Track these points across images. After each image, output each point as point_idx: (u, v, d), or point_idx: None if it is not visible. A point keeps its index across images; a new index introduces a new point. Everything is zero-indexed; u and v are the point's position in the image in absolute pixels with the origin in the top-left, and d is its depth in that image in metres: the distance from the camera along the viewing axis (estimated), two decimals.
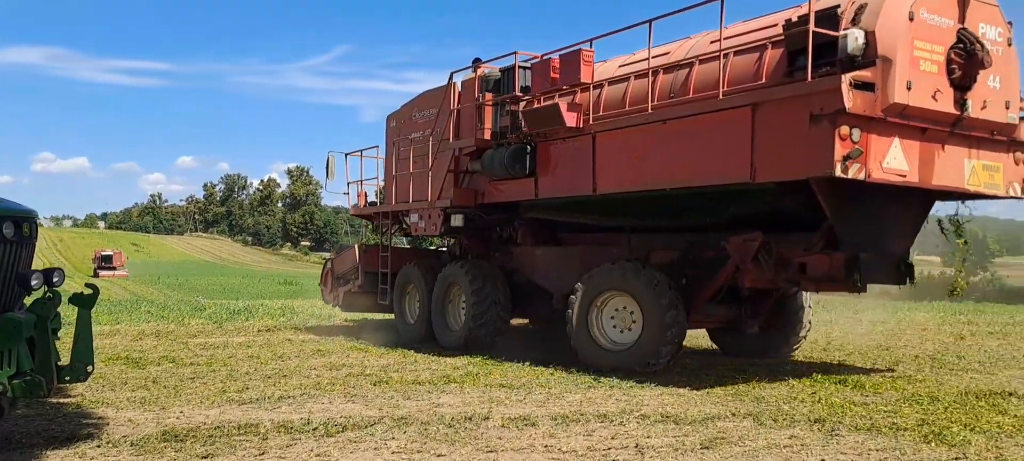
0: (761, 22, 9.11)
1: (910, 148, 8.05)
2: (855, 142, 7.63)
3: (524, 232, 12.63)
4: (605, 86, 10.49)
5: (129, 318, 18.58)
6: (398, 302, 13.96)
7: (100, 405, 7.71)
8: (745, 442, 6.21)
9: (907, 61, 7.78)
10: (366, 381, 9.22)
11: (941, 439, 6.25)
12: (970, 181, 8.55)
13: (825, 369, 10.13)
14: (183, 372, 9.95)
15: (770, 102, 8.21)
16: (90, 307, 6.01)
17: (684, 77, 9.44)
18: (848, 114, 7.56)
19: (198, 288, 50.24)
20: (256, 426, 6.73)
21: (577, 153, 10.50)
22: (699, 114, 8.92)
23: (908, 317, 18.81)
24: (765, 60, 8.56)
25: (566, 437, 6.42)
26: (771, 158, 8.17)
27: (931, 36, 7.93)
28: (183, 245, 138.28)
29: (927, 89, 7.90)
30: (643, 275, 9.74)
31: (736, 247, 9.58)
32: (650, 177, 9.56)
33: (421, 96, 13.73)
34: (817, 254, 8.92)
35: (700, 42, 9.70)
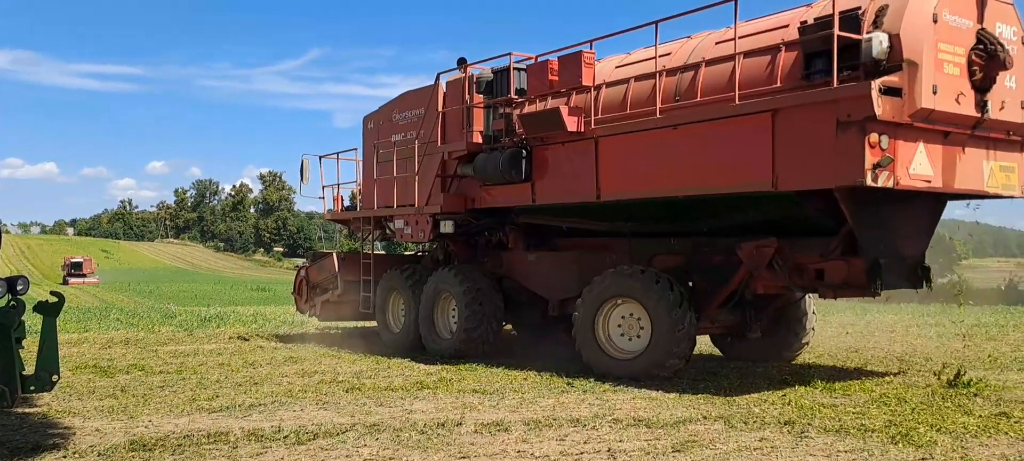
0: (768, 22, 8.84)
1: (933, 153, 7.91)
2: (884, 150, 7.44)
3: (515, 237, 12.26)
4: (603, 88, 10.19)
5: (98, 326, 18.33)
6: (381, 310, 13.59)
7: (66, 415, 7.58)
8: (716, 445, 6.26)
9: (932, 64, 7.59)
10: (338, 388, 9.17)
11: (908, 440, 6.33)
12: (989, 183, 8.45)
13: (795, 371, 10.23)
14: (152, 380, 9.83)
15: (792, 108, 7.94)
16: (55, 315, 5.95)
17: (690, 79, 9.14)
18: (878, 121, 7.35)
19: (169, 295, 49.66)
20: (226, 435, 6.66)
21: (578, 158, 10.19)
22: (714, 119, 8.62)
23: (876, 319, 19.03)
24: (779, 63, 8.30)
25: (539, 442, 6.43)
26: (794, 166, 7.94)
27: (953, 38, 7.77)
28: (154, 251, 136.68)
29: (951, 92, 7.74)
30: (650, 280, 9.44)
31: (749, 253, 9.30)
32: (658, 183, 9.29)
33: (402, 97, 13.33)
34: (835, 260, 8.79)
35: (703, 43, 9.41)
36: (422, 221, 12.46)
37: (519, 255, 12.23)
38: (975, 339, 14.49)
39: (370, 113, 14.18)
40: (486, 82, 11.60)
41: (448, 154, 12.02)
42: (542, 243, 12.24)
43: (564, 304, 11.26)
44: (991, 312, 20.98)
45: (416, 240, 13.12)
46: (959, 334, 15.05)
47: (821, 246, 8.96)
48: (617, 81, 10.12)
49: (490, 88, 11.56)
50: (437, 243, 13.17)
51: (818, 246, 9.00)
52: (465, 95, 11.78)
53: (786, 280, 9.21)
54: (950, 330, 15.89)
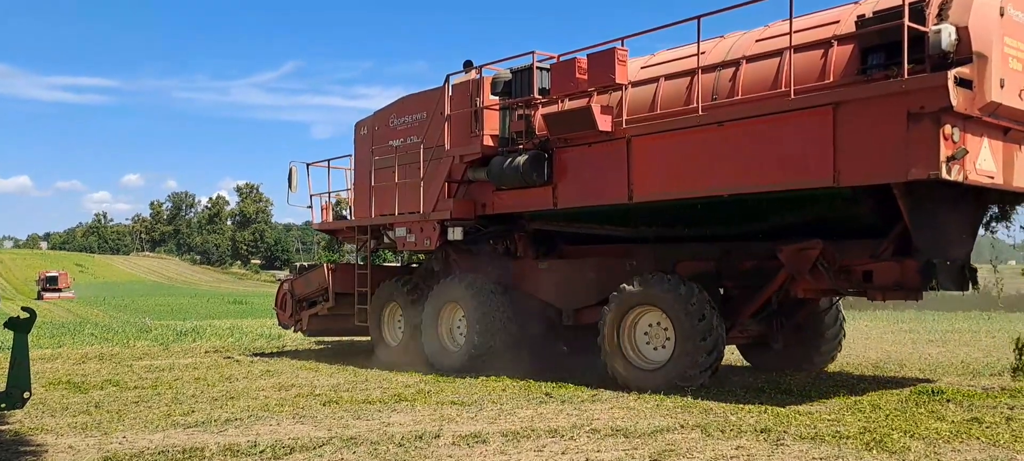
0: (815, 19, 8.71)
1: (996, 149, 7.85)
2: (957, 142, 7.31)
3: (524, 245, 11.88)
4: (629, 88, 9.93)
5: (72, 341, 18.10)
6: (375, 324, 13.19)
7: (39, 432, 7.49)
8: (693, 454, 6.29)
9: (1000, 58, 7.52)
10: (315, 401, 9.12)
11: (882, 446, 6.40)
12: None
13: (771, 379, 10.30)
14: (127, 396, 9.72)
15: (857, 101, 7.75)
16: (27, 331, 5.87)
17: (730, 77, 8.94)
18: (953, 112, 7.23)
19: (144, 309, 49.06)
20: (201, 450, 6.60)
21: (608, 159, 9.85)
22: (768, 114, 8.39)
23: (851, 325, 19.24)
24: (831, 58, 8.13)
25: (517, 453, 6.43)
26: (858, 160, 7.74)
27: (1017, 33, 7.74)
28: (129, 265, 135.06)
29: (1015, 87, 7.69)
30: (673, 288, 9.25)
31: (791, 256, 9.13)
32: (699, 183, 9.03)
33: (401, 101, 12.99)
34: (886, 262, 8.63)
35: (740, 42, 9.25)
36: (428, 228, 11.98)
37: (528, 264, 11.84)
38: (949, 345, 14.69)
39: (363, 119, 13.77)
40: (503, 83, 11.20)
41: (458, 158, 11.61)
42: (550, 251, 11.94)
43: (580, 314, 10.94)
44: (965, 318, 21.27)
45: (420, 248, 12.63)
46: (933, 340, 15.26)
47: (869, 247, 8.80)
48: (644, 81, 9.86)
49: (507, 89, 11.14)
50: (434, 253, 12.74)
51: (865, 247, 8.83)
52: (474, 97, 11.43)
53: (832, 283, 9.01)
54: (924, 336, 16.10)
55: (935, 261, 8.26)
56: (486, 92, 11.32)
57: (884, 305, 22.22)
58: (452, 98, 11.76)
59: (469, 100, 11.46)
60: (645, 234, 10.64)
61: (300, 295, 14.37)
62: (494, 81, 11.29)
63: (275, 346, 16.21)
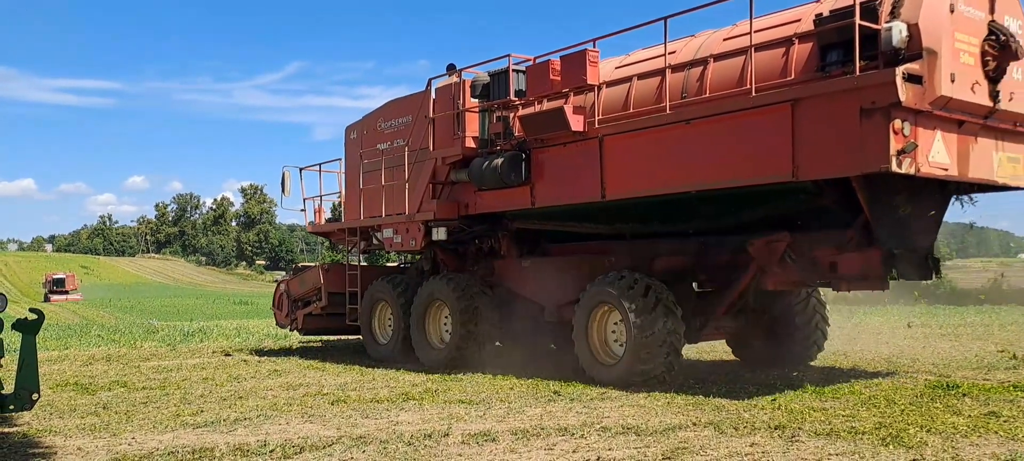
0: (778, 18, 8.94)
1: (949, 141, 8.01)
2: (907, 136, 7.53)
3: (508, 244, 12.08)
4: (603, 88, 10.12)
5: (79, 342, 18.09)
6: (366, 322, 13.44)
7: (48, 433, 7.46)
8: (706, 451, 6.22)
9: (950, 53, 7.72)
10: (324, 401, 9.07)
11: (899, 441, 6.32)
12: (998, 173, 8.59)
13: (784, 375, 10.22)
14: (135, 397, 9.69)
15: (813, 97, 7.98)
16: (35, 333, 5.83)
17: (698, 76, 9.15)
18: (902, 107, 7.44)
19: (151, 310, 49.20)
20: (211, 450, 6.56)
21: (581, 158, 10.09)
22: (730, 112, 8.61)
23: (864, 321, 19.13)
24: (792, 55, 8.35)
25: (527, 452, 6.36)
26: (815, 155, 7.98)
27: (968, 28, 7.92)
28: (135, 267, 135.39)
29: (967, 82, 7.88)
30: (624, 286, 9.50)
31: (760, 250, 9.37)
32: (669, 180, 9.26)
33: (387, 105, 13.22)
34: (850, 253, 8.85)
35: (709, 40, 9.43)
36: (413, 229, 12.28)
37: (512, 262, 12.05)
38: (961, 340, 14.60)
39: (352, 123, 14.03)
40: (482, 85, 11.39)
41: (441, 160, 11.85)
42: (535, 249, 12.16)
43: (561, 310, 11.14)
44: (977, 312, 21.16)
45: (406, 249, 12.92)
46: (945, 335, 15.16)
47: (835, 239, 8.99)
48: (618, 80, 10.05)
49: (486, 91, 11.35)
50: (424, 253, 12.98)
51: (831, 239, 9.03)
52: (456, 100, 11.59)
53: (799, 275, 9.21)
54: (937, 331, 16.00)
55: (896, 251, 8.49)
56: (466, 95, 11.46)
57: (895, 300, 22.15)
58: (435, 101, 11.96)
59: (451, 103, 11.66)
60: (623, 231, 10.89)
61: (296, 295, 14.62)
62: (474, 84, 11.44)
63: (276, 345, 16.17)
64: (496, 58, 11.18)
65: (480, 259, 12.55)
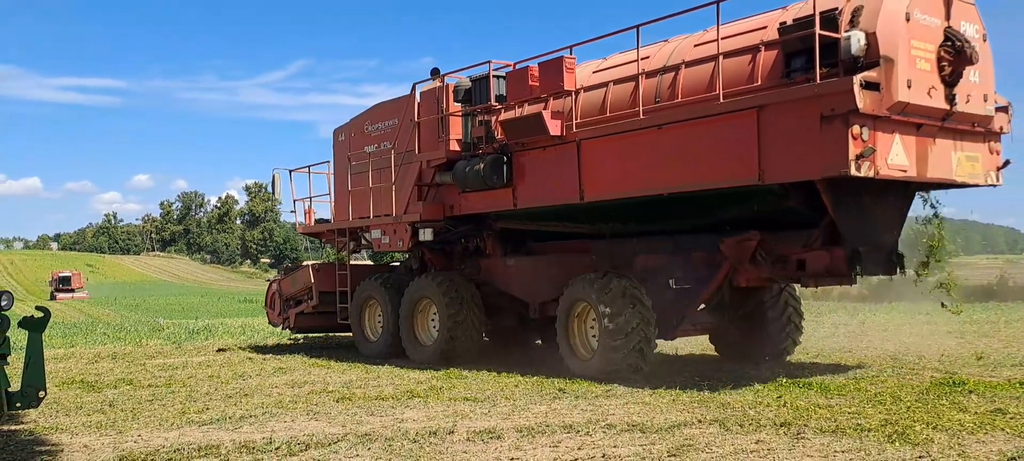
0: (746, 25, 9.16)
1: (908, 144, 8.31)
2: (865, 141, 7.79)
3: (492, 243, 12.36)
4: (581, 92, 10.38)
5: (84, 340, 18.15)
6: (357, 320, 13.63)
7: (54, 431, 7.48)
8: (712, 448, 6.21)
9: (907, 60, 8.00)
10: (329, 398, 9.08)
11: (905, 439, 6.31)
12: (957, 172, 8.87)
13: (790, 373, 10.21)
14: (141, 394, 9.72)
15: (777, 104, 8.27)
16: (41, 330, 5.84)
17: (670, 81, 9.41)
18: (860, 114, 7.70)
19: (156, 308, 49.27)
20: (217, 447, 6.58)
21: (560, 161, 10.38)
22: (700, 118, 8.91)
23: (870, 318, 19.10)
24: (759, 62, 8.63)
25: (532, 449, 6.36)
26: (780, 159, 8.28)
27: (924, 35, 8.19)
28: (140, 265, 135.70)
29: (923, 86, 8.16)
30: (598, 286, 9.82)
31: (731, 248, 9.69)
32: (643, 183, 9.53)
33: (373, 109, 13.40)
34: (817, 250, 9.18)
35: (681, 46, 9.67)
36: (400, 230, 12.57)
37: (497, 261, 12.31)
38: (968, 336, 14.55)
39: (340, 126, 14.23)
40: (464, 90, 11.65)
41: (426, 163, 12.10)
42: (519, 248, 12.43)
43: (545, 307, 11.43)
44: (982, 309, 21.08)
45: (394, 249, 13.21)
46: (951, 332, 15.10)
47: (802, 238, 9.35)
48: (595, 85, 10.32)
49: (469, 96, 11.60)
50: (412, 252, 13.22)
51: (799, 238, 9.39)
52: (440, 104, 11.84)
53: (769, 272, 9.58)
54: (942, 328, 15.94)
55: (861, 249, 8.80)
56: (450, 99, 11.72)
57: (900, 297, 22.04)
58: (420, 105, 12.22)
59: (436, 107, 11.92)
60: (602, 231, 11.25)
61: (287, 294, 14.87)
62: (457, 88, 11.73)
63: (279, 342, 16.19)
64: (478, 64, 11.58)
65: (466, 258, 12.80)
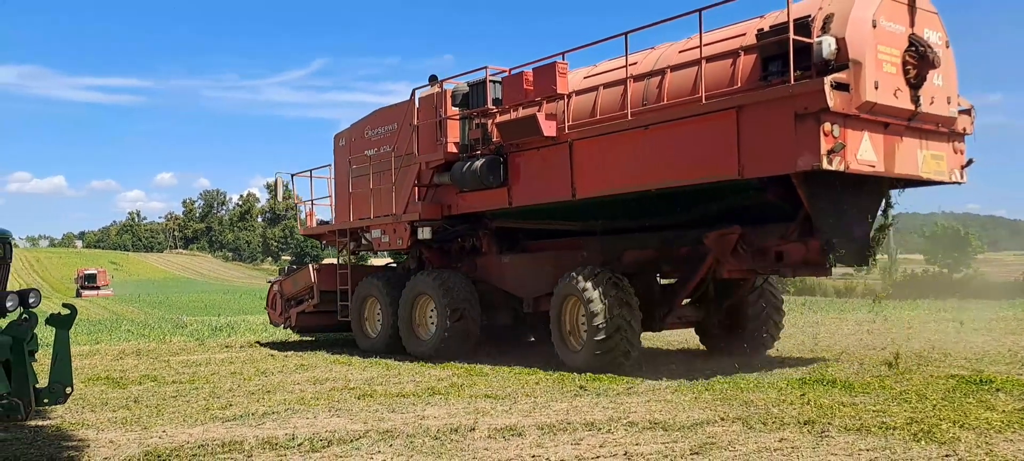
0: (726, 32, 9.72)
1: (876, 141, 8.87)
2: (836, 137, 8.37)
3: (488, 241, 12.85)
4: (573, 96, 10.90)
5: (109, 337, 18.36)
6: (357, 317, 14.02)
7: (80, 427, 7.57)
8: (735, 447, 6.17)
9: (874, 63, 8.61)
10: (350, 395, 9.12)
11: (931, 437, 6.23)
12: (922, 169, 9.44)
13: (813, 371, 10.13)
14: (165, 390, 9.81)
15: (755, 105, 8.85)
16: (68, 328, 5.90)
17: (657, 85, 9.99)
18: (831, 112, 8.29)
19: (179, 305, 49.74)
20: (240, 443, 6.62)
21: (554, 161, 10.89)
22: (683, 118, 9.49)
23: (894, 315, 18.93)
24: (738, 66, 9.23)
25: (553, 446, 6.35)
26: (758, 155, 8.83)
27: (890, 41, 8.82)
28: (163, 262, 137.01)
29: (890, 88, 8.76)
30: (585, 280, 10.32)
31: (714, 241, 10.28)
32: (631, 180, 10.08)
33: (374, 114, 13.94)
34: (794, 242, 9.75)
35: (667, 52, 10.25)
36: (400, 229, 13.03)
37: (493, 258, 12.83)
38: (994, 333, 14.37)
39: (341, 131, 14.79)
40: (462, 95, 12.12)
41: (425, 164, 12.59)
42: (513, 246, 12.95)
43: (538, 302, 11.95)
44: (1010, 306, 20.81)
45: (394, 248, 13.68)
46: (978, 329, 14.91)
47: (780, 231, 9.91)
48: (586, 89, 10.87)
49: (466, 100, 12.07)
50: (410, 251, 13.71)
51: (777, 231, 9.94)
52: (438, 108, 12.34)
53: (750, 263, 10.15)
54: (969, 325, 15.76)
55: (834, 240, 9.35)
56: (448, 104, 12.27)
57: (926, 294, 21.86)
58: (419, 110, 12.76)
59: (434, 111, 12.46)
60: (594, 227, 11.80)
61: (288, 295, 15.25)
62: (454, 93, 12.24)
63: (308, 341, 16.28)
64: (475, 70, 12.16)
65: (463, 256, 13.33)
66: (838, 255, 9.50)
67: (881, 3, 8.76)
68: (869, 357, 11.53)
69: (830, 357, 11.59)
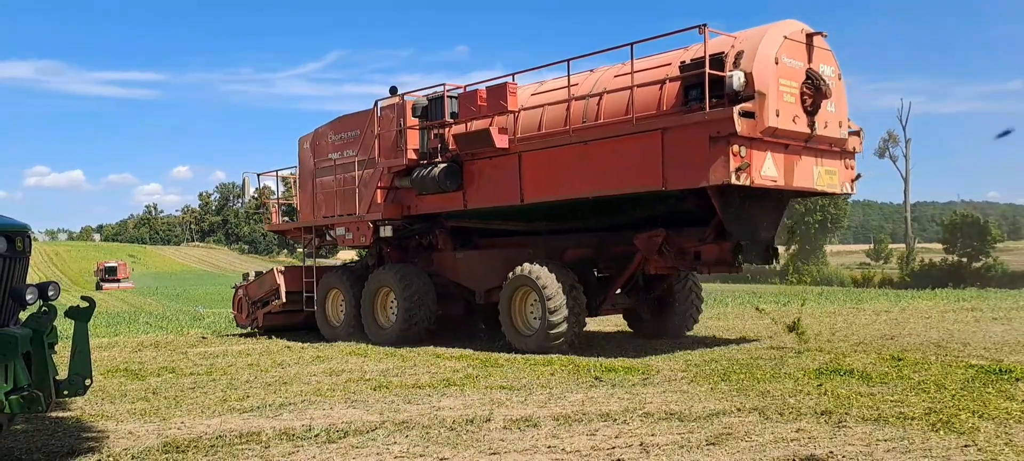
0: (655, 61, 11.02)
1: (778, 160, 10.34)
2: (743, 157, 9.79)
3: (444, 239, 14.10)
4: (522, 112, 12.12)
5: (128, 329, 18.53)
6: (321, 306, 15.14)
7: (100, 418, 7.65)
8: (751, 437, 6.15)
9: (775, 95, 10.00)
10: (366, 386, 9.16)
11: (949, 427, 6.19)
12: (818, 182, 10.99)
13: (830, 361, 10.07)
14: (183, 382, 9.89)
15: (677, 127, 10.24)
16: (87, 320, 5.94)
17: (595, 104, 11.27)
18: (739, 136, 9.70)
19: (196, 297, 50.10)
20: (258, 434, 6.67)
21: (504, 169, 12.18)
22: (617, 136, 10.83)
23: (911, 305, 18.78)
24: (664, 92, 10.53)
25: (569, 437, 6.35)
26: (678, 170, 10.24)
27: (790, 75, 10.24)
28: (180, 255, 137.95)
29: (789, 115, 10.19)
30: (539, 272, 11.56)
31: (643, 242, 11.61)
32: (573, 188, 11.39)
33: (337, 120, 14.90)
34: (709, 244, 11.16)
35: (604, 76, 11.55)
36: (363, 227, 14.14)
37: (448, 255, 14.08)
38: (1014, 323, 14.23)
39: (305, 135, 15.65)
40: (422, 107, 13.30)
41: (387, 169, 13.64)
42: (466, 243, 14.23)
43: (489, 294, 13.14)
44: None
45: (357, 244, 14.79)
46: (997, 318, 14.76)
47: (697, 234, 11.30)
48: (534, 106, 12.13)
49: (425, 112, 13.26)
50: (372, 247, 14.86)
51: (696, 234, 11.33)
52: (400, 118, 13.40)
53: (672, 261, 11.52)
54: (987, 314, 15.61)
55: (743, 243, 10.90)
56: (408, 115, 13.35)
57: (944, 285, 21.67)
58: (380, 119, 13.84)
59: (395, 121, 13.54)
60: (540, 228, 13.19)
61: (254, 297, 16.20)
62: (414, 106, 13.36)
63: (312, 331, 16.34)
64: (434, 86, 13.41)
65: (421, 252, 14.55)
66: (746, 255, 11.02)
67: (783, 43, 10.18)
68: (886, 347, 11.46)
69: (846, 347, 11.52)
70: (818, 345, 11.82)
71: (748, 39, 10.25)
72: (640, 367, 9.89)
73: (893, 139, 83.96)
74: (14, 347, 5.32)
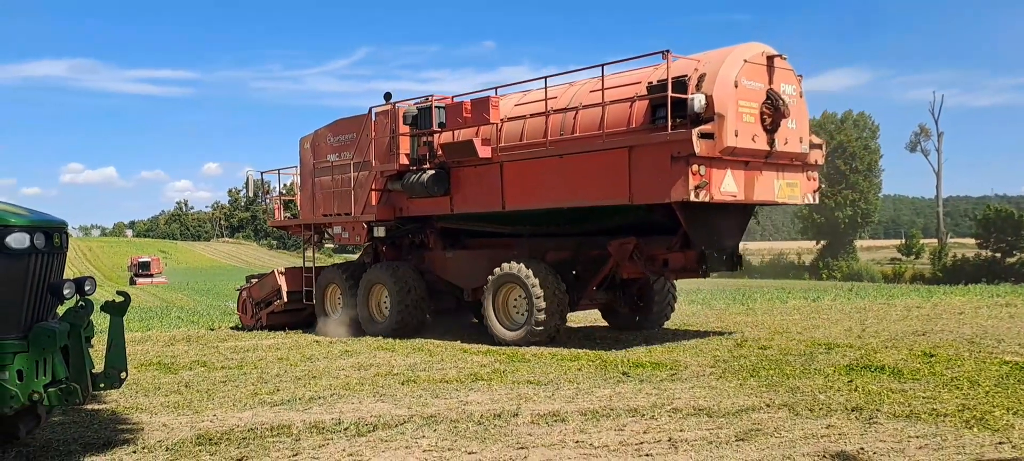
0: (626, 78, 11.61)
1: (738, 176, 10.89)
2: (702, 176, 10.36)
3: (434, 239, 14.79)
4: (504, 123, 12.75)
5: (160, 324, 18.79)
6: (320, 300, 15.84)
7: (135, 411, 7.78)
8: (781, 433, 6.11)
9: (735, 116, 10.51)
10: (394, 380, 9.23)
11: (983, 424, 6.11)
12: (779, 195, 11.60)
13: (861, 357, 9.97)
14: (215, 376, 10.01)
15: (642, 146, 10.86)
16: (122, 314, 6.04)
17: (572, 118, 11.93)
18: (697, 156, 10.27)
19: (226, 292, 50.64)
20: (288, 427, 6.75)
21: (487, 178, 12.86)
22: (588, 151, 11.47)
23: (943, 301, 18.52)
24: (634, 110, 11.14)
25: (597, 432, 6.36)
26: (643, 186, 10.88)
27: (749, 96, 10.76)
28: (210, 251, 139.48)
29: (748, 134, 10.74)
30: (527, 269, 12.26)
31: (615, 248, 12.36)
32: (549, 197, 12.10)
33: (335, 123, 15.49)
34: (675, 252, 11.90)
35: (580, 91, 12.19)
36: (358, 227, 14.87)
37: (438, 253, 14.79)
38: None
39: (305, 136, 16.30)
40: (412, 115, 13.91)
41: (380, 172, 14.31)
42: (456, 243, 14.90)
43: (476, 291, 13.80)
44: None
45: (352, 243, 15.53)
46: None
47: (666, 243, 12.02)
48: (515, 117, 12.81)
49: (416, 120, 13.86)
50: (367, 245, 15.66)
51: (663, 243, 12.06)
52: (392, 124, 14.07)
53: (642, 267, 12.26)
54: (1022, 310, 15.35)
55: (707, 251, 11.61)
56: (400, 122, 14.02)
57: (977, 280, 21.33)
58: (375, 124, 14.50)
59: (388, 127, 14.20)
60: (522, 232, 13.90)
61: (257, 298, 16.89)
62: (405, 114, 14.02)
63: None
64: (423, 97, 14.02)
65: (413, 251, 15.24)
66: (711, 263, 11.75)
67: (743, 66, 10.67)
68: (918, 344, 11.31)
69: (877, 343, 11.40)
70: (849, 341, 11.70)
71: (710, 62, 10.78)
72: (668, 363, 9.86)
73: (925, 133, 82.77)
74: (53, 341, 5.43)
